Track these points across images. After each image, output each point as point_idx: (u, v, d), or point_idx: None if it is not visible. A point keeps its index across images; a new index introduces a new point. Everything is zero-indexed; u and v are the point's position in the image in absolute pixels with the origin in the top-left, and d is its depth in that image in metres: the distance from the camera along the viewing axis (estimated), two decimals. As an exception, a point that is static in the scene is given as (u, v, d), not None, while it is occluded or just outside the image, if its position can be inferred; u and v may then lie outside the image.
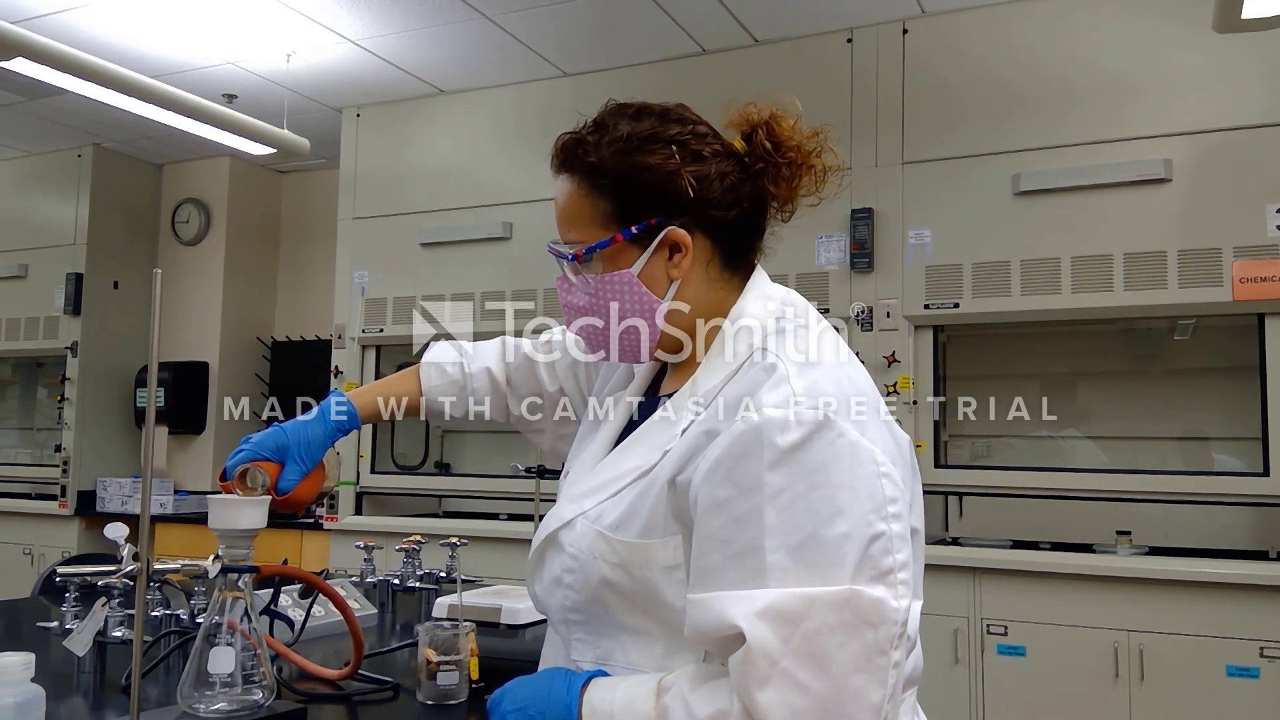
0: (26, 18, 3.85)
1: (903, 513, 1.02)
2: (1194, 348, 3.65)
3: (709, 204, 1.17)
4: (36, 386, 6.16)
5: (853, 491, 0.99)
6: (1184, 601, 3.17)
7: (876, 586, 0.97)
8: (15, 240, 5.74)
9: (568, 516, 1.19)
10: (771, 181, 1.20)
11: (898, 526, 1.00)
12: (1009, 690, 3.36)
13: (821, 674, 0.95)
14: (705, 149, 1.18)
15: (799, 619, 0.95)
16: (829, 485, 0.98)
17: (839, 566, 0.96)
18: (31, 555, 5.41)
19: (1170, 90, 3.37)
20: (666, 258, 1.17)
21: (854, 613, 0.96)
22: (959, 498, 3.74)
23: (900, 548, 1.00)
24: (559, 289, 1.28)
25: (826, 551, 0.96)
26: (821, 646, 0.95)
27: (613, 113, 1.22)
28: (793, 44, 3.94)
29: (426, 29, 3.98)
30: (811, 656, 0.95)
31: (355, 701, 1.43)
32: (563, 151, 1.21)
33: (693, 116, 1.23)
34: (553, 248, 1.24)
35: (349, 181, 4.82)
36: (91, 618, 1.44)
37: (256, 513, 1.27)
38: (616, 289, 1.19)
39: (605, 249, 1.18)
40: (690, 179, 1.15)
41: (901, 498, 1.03)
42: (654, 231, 1.16)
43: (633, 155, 1.16)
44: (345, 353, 4.71)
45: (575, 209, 1.20)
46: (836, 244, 3.77)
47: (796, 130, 1.21)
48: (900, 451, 1.09)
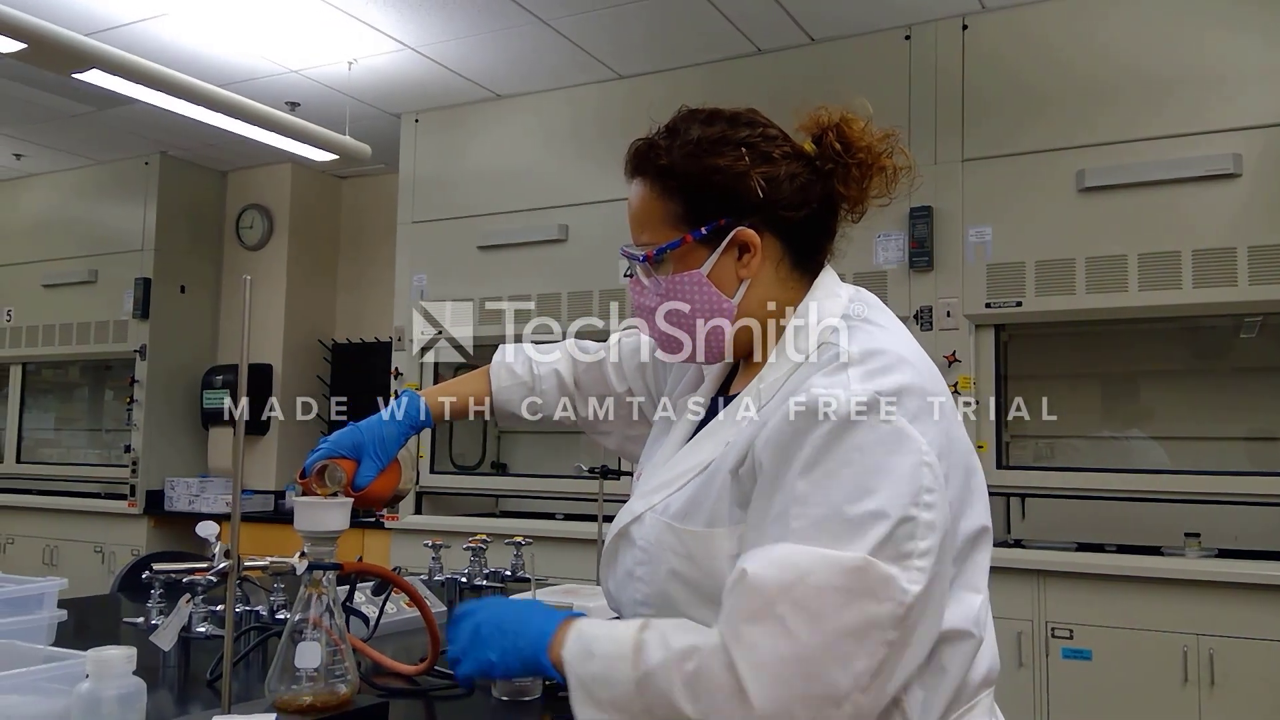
0: (107, 27, 3.96)
1: (937, 503, 1.02)
2: (1261, 346, 3.57)
3: (778, 204, 1.19)
4: (104, 389, 6.33)
5: (889, 475, 1.01)
6: (1255, 605, 3.10)
7: (892, 565, 0.98)
8: (86, 246, 5.90)
9: (638, 511, 1.22)
10: (841, 182, 1.22)
11: (928, 515, 1.01)
12: (1074, 694, 3.31)
13: (814, 627, 0.96)
14: (775, 151, 1.20)
15: (807, 572, 0.98)
16: (865, 466, 1.01)
17: (859, 540, 0.98)
18: (102, 553, 5.56)
19: (1240, 84, 3.30)
20: (736, 258, 1.20)
21: (862, 582, 0.97)
22: (1022, 499, 3.70)
23: (926, 535, 1.00)
24: (631, 291, 1.30)
25: (850, 526, 0.99)
26: (821, 602, 0.97)
27: (685, 118, 1.24)
28: (850, 42, 3.93)
29: (483, 34, 4.03)
30: (809, 608, 0.97)
31: (433, 697, 1.46)
32: (636, 156, 1.24)
33: (763, 120, 1.25)
34: (625, 250, 1.26)
35: (408, 186, 4.89)
36: (177, 613, 1.48)
37: (341, 515, 1.30)
38: (687, 289, 1.21)
39: (675, 250, 1.20)
40: (759, 180, 1.17)
41: (940, 489, 1.03)
42: (723, 232, 1.19)
43: (703, 158, 1.19)
44: (405, 354, 4.77)
45: (646, 211, 1.23)
46: (895, 243, 3.74)
47: (867, 132, 1.23)
48: (953, 449, 1.09)
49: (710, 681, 0.99)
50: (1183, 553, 3.31)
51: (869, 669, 0.97)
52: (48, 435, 6.45)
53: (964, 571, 1.14)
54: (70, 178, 6.05)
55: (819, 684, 0.96)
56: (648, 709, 1.02)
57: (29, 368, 6.29)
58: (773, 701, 0.96)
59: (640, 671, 1.02)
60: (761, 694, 0.96)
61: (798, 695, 0.96)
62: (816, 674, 0.96)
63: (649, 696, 1.01)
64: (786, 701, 0.96)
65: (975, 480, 1.16)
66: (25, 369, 6.28)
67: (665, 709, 1.01)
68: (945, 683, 1.09)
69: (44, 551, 5.74)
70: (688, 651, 1.01)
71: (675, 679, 1.00)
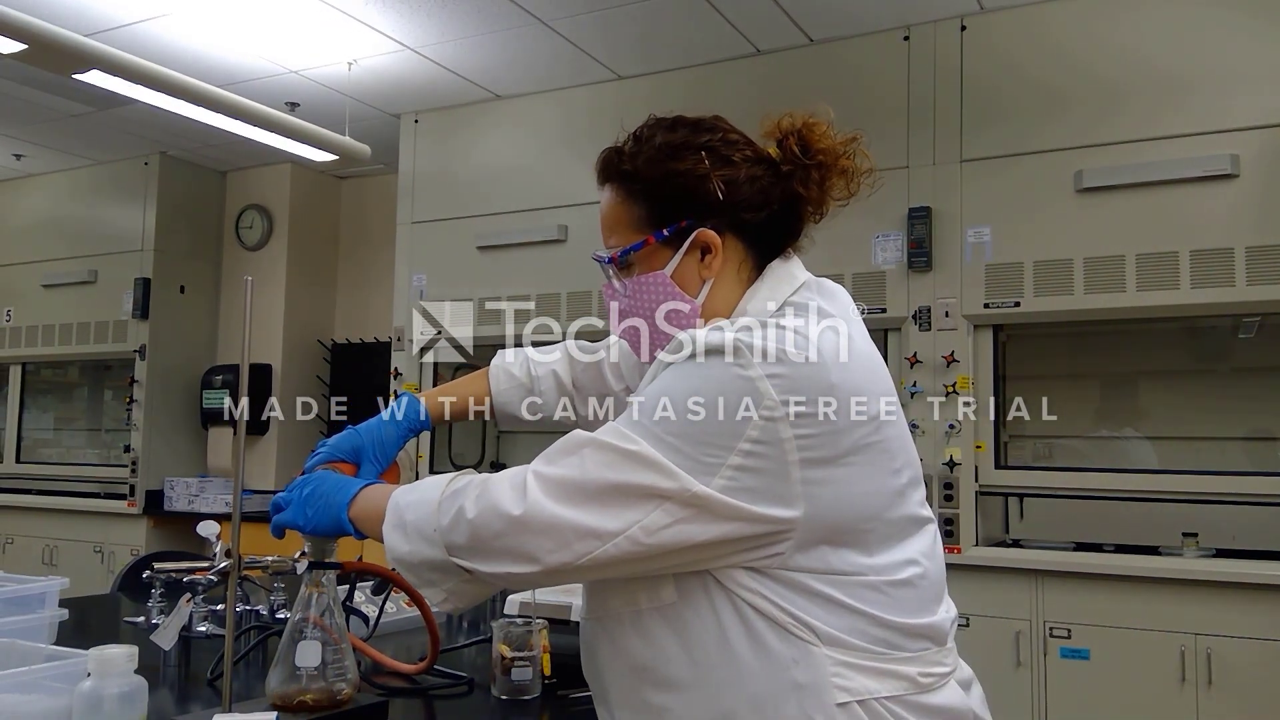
0: (107, 28, 3.97)
1: (760, 454, 1.04)
2: (1259, 346, 3.58)
3: (739, 206, 1.23)
4: (104, 389, 6.33)
5: (716, 408, 1.05)
6: (1253, 605, 3.11)
7: (681, 460, 1.04)
8: (85, 247, 5.91)
9: None
10: (801, 184, 1.25)
11: (737, 460, 1.04)
12: (1072, 694, 3.32)
13: (603, 471, 1.05)
14: (735, 154, 1.24)
15: (618, 434, 1.07)
16: (698, 394, 1.06)
17: (664, 446, 1.05)
18: (102, 553, 5.56)
19: (1237, 85, 3.31)
20: (698, 259, 1.24)
21: (641, 458, 1.04)
22: (1020, 499, 3.70)
23: (731, 476, 1.04)
24: (605, 295, 1.34)
25: (660, 434, 1.05)
26: (617, 454, 1.05)
27: (651, 126, 1.29)
28: (849, 43, 3.93)
29: (483, 35, 4.03)
30: (604, 456, 1.05)
31: (433, 696, 1.47)
32: (604, 163, 1.30)
33: (725, 125, 1.29)
34: (596, 255, 1.31)
35: (407, 186, 4.90)
36: (177, 613, 1.49)
37: (341, 514, 1.30)
38: (651, 290, 1.25)
39: (639, 251, 1.25)
40: (719, 182, 1.22)
41: (770, 444, 1.04)
42: (685, 234, 1.23)
43: (665, 162, 1.24)
44: (404, 354, 4.78)
45: (613, 216, 1.28)
46: (893, 243, 3.75)
47: (827, 135, 1.26)
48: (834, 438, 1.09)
49: (498, 488, 1.08)
50: (1180, 552, 3.32)
51: (618, 529, 1.04)
52: (47, 435, 6.45)
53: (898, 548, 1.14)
54: (70, 178, 6.06)
55: (586, 515, 1.04)
56: (440, 527, 1.10)
57: (28, 368, 6.30)
58: (542, 510, 1.05)
59: (448, 491, 1.12)
60: (536, 501, 1.05)
61: (567, 517, 1.04)
62: (589, 505, 1.04)
63: (444, 509, 1.10)
64: (553, 515, 1.04)
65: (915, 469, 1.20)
66: (25, 369, 6.28)
67: (454, 518, 1.09)
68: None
69: (44, 551, 5.74)
70: (491, 475, 1.12)
71: (471, 490, 1.10)
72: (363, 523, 1.21)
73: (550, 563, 1.04)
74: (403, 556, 1.12)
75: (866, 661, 1.08)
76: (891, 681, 1.08)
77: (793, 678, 1.06)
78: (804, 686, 1.06)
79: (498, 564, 1.06)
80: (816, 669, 1.06)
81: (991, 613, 3.40)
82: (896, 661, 1.10)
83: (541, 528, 1.04)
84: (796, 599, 1.07)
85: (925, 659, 1.12)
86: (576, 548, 1.04)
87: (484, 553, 1.07)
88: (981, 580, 3.40)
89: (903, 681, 1.09)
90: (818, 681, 1.06)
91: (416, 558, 1.11)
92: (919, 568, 1.14)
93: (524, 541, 1.05)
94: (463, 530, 1.07)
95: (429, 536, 1.10)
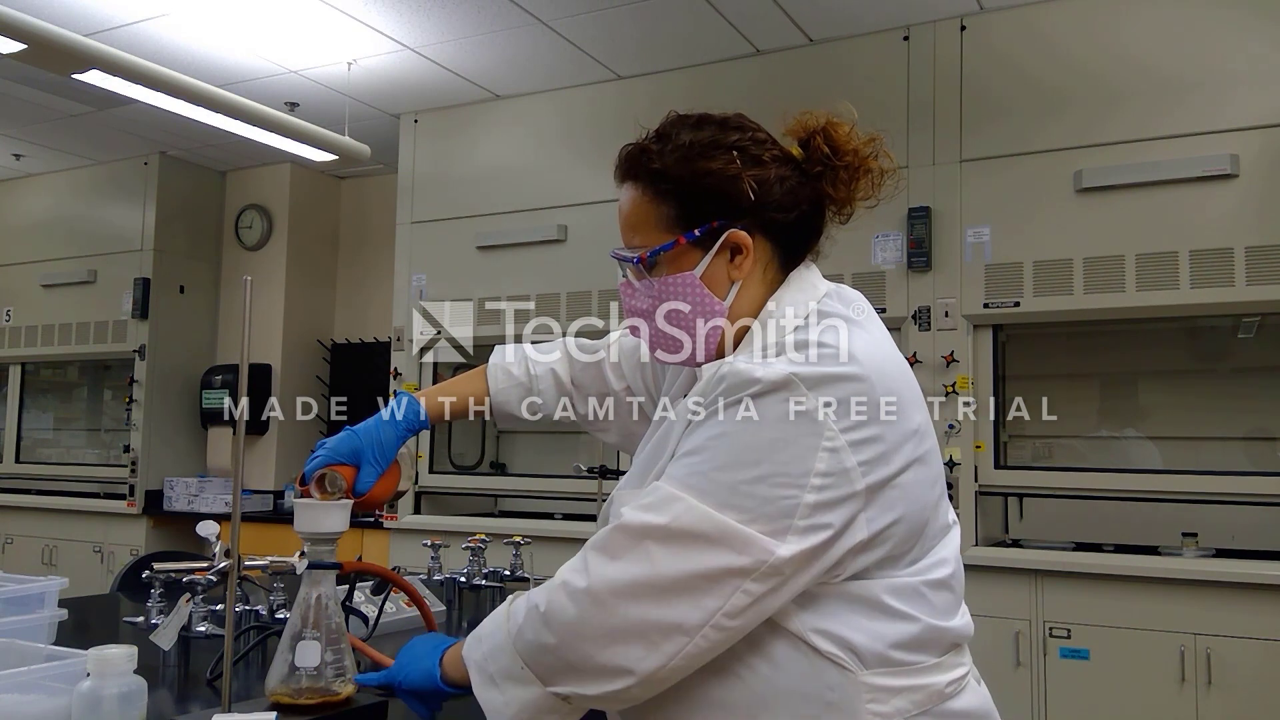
0: (107, 28, 3.97)
1: (830, 485, 1.04)
2: (1258, 346, 3.58)
3: (769, 207, 1.21)
4: (103, 389, 6.33)
5: (781, 450, 1.04)
6: (1252, 604, 3.11)
7: (757, 524, 1.02)
8: (85, 247, 5.91)
9: (611, 495, 1.28)
10: (830, 184, 1.24)
11: (812, 498, 1.03)
12: (1072, 694, 3.32)
13: (675, 563, 1.03)
14: (765, 154, 1.23)
15: (676, 516, 1.04)
16: (759, 437, 1.05)
17: (731, 506, 1.03)
18: (101, 553, 5.56)
19: (1236, 85, 3.31)
20: (728, 260, 1.22)
21: (724, 536, 1.02)
22: (1020, 499, 3.71)
23: (809, 515, 1.03)
24: (622, 294, 1.31)
25: (726, 490, 1.04)
26: (685, 542, 1.03)
27: (674, 123, 1.26)
28: (848, 43, 3.93)
29: (482, 35, 4.03)
30: (673, 546, 1.03)
31: (432, 696, 1.46)
32: (627, 160, 1.26)
33: (751, 124, 1.27)
34: (617, 253, 1.28)
35: (407, 186, 4.90)
36: (176, 613, 1.49)
37: (341, 516, 1.31)
38: (679, 291, 1.23)
39: (669, 251, 1.22)
40: (751, 182, 1.20)
41: (837, 475, 1.04)
42: (716, 234, 1.21)
43: (695, 161, 1.21)
44: (404, 354, 4.78)
45: (639, 214, 1.24)
46: (893, 243, 3.75)
47: (853, 135, 1.25)
48: (889, 446, 1.09)
49: (561, 608, 1.06)
50: (1180, 552, 3.32)
51: (703, 619, 1.03)
52: (47, 435, 6.45)
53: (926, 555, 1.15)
54: (69, 178, 6.06)
55: (668, 610, 1.02)
56: (528, 664, 1.07)
57: (28, 368, 6.29)
58: (621, 614, 1.03)
59: (512, 629, 1.10)
60: (609, 606, 1.03)
61: (648, 617, 1.02)
62: (668, 600, 1.02)
63: (521, 648, 1.08)
64: (631, 618, 1.03)
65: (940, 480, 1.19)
66: (24, 369, 6.28)
67: (535, 653, 1.07)
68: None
69: (43, 551, 5.74)
70: (540, 593, 1.09)
71: (535, 620, 1.07)
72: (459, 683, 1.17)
73: (644, 670, 1.04)
74: (499, 708, 1.10)
75: (900, 680, 1.09)
76: (922, 695, 1.10)
77: (827, 701, 1.07)
78: (837, 707, 1.07)
79: (595, 683, 1.06)
80: (853, 694, 1.07)
81: (991, 613, 3.40)
82: (928, 671, 1.11)
83: (624, 633, 1.04)
84: (840, 612, 1.08)
85: (948, 664, 1.14)
86: (665, 648, 1.03)
87: (579, 672, 1.06)
88: (981, 580, 3.40)
89: (932, 695, 1.11)
90: (852, 704, 1.07)
91: (514, 707, 1.09)
92: (949, 568, 1.16)
93: (614, 655, 1.04)
94: (549, 656, 1.07)
95: (519, 676, 1.09)
